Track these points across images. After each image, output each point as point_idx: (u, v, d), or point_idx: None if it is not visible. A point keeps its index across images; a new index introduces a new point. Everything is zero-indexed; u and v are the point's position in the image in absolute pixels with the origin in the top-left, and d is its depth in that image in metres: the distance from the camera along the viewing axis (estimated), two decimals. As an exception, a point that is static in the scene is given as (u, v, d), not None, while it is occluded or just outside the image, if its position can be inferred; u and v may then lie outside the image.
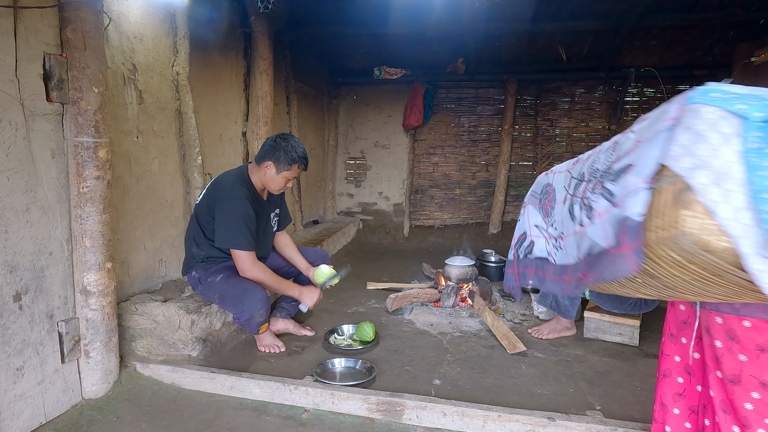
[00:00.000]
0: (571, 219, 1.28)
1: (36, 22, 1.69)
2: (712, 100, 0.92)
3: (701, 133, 0.91)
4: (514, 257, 1.60)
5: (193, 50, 2.85)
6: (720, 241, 0.88)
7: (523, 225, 1.58)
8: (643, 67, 5.01)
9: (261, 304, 2.23)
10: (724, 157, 0.89)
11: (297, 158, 2.26)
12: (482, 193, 5.89)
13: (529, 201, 1.58)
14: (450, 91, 5.76)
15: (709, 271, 0.94)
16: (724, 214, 0.87)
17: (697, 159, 0.91)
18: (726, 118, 0.90)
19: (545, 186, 1.50)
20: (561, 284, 1.34)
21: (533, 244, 1.50)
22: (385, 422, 1.86)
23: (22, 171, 1.67)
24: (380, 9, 3.89)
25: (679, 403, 1.37)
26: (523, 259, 1.55)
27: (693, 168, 0.91)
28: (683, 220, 0.90)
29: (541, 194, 1.51)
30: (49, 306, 1.79)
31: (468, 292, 3.18)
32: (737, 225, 0.87)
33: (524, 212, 1.60)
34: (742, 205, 0.87)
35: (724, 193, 0.88)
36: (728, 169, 0.89)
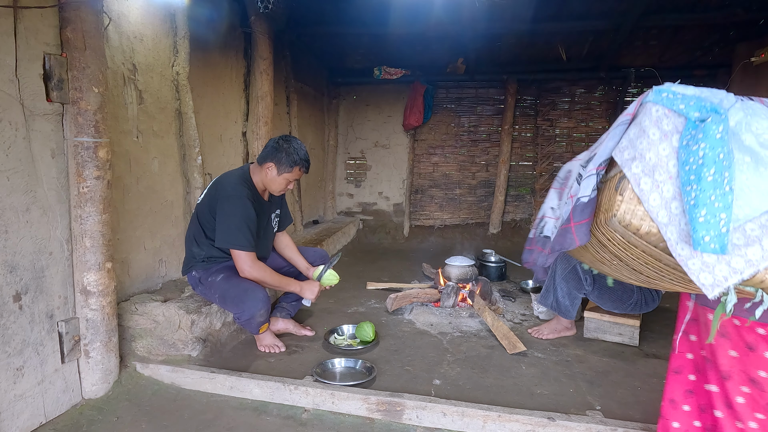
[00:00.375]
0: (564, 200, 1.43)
1: (36, 22, 1.69)
2: (661, 99, 1.01)
3: (645, 129, 1.02)
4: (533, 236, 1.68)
5: (193, 50, 2.85)
6: (648, 226, 0.99)
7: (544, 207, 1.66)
8: (643, 67, 5.00)
9: (261, 304, 2.23)
10: (661, 151, 0.99)
11: (298, 160, 2.26)
12: (482, 193, 5.88)
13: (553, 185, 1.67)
14: (450, 91, 5.76)
15: (649, 253, 1.05)
16: (652, 202, 0.98)
17: (636, 151, 1.02)
18: (669, 116, 1.00)
19: (567, 172, 1.59)
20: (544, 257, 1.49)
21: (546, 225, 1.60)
22: (385, 422, 1.86)
23: (22, 171, 1.67)
24: (380, 9, 3.88)
25: (690, 400, 1.38)
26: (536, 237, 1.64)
27: (630, 159, 1.02)
28: (617, 205, 1.02)
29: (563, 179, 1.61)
30: (49, 306, 1.79)
31: (468, 292, 3.18)
32: (664, 213, 0.97)
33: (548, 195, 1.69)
34: (671, 196, 0.97)
35: (655, 183, 0.98)
36: (662, 162, 0.98)
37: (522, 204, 5.78)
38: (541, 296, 2.73)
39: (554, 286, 2.62)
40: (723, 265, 0.94)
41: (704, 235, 0.91)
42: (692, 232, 0.92)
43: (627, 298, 2.47)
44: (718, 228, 0.91)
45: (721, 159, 0.93)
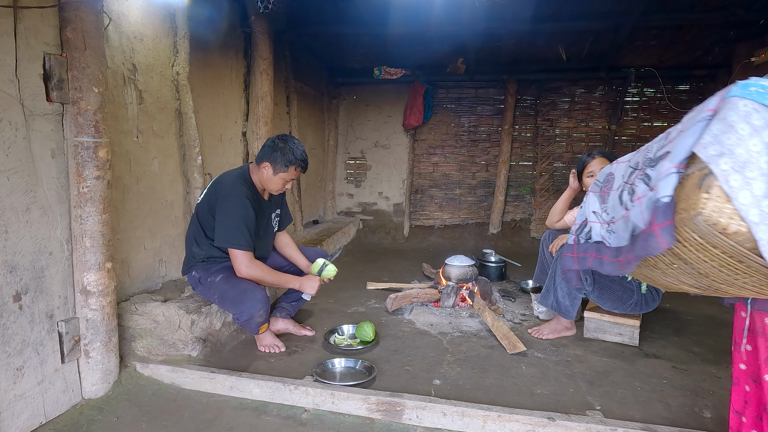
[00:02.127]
0: (620, 204, 1.36)
1: (36, 22, 1.69)
2: (749, 93, 0.96)
3: (732, 124, 0.95)
4: (574, 242, 1.66)
5: (193, 50, 2.85)
6: (736, 225, 0.92)
7: (584, 211, 1.64)
8: (643, 67, 5.01)
9: (261, 305, 2.23)
10: (752, 147, 0.93)
11: (294, 160, 2.25)
12: (482, 193, 5.89)
13: (592, 189, 1.63)
14: (450, 91, 5.76)
15: (730, 255, 0.98)
16: (743, 200, 0.91)
17: (723, 147, 0.95)
18: (759, 111, 0.94)
19: (608, 175, 1.55)
20: (616, 265, 1.39)
21: (591, 230, 1.57)
22: (385, 422, 1.86)
23: (22, 171, 1.67)
24: (380, 9, 3.88)
25: (747, 411, 1.39)
26: (584, 244, 1.60)
27: (717, 155, 0.95)
28: (702, 203, 0.95)
29: (603, 182, 1.57)
30: (49, 306, 1.79)
31: (468, 292, 3.18)
32: (756, 211, 0.91)
33: (586, 200, 1.65)
34: (763, 193, 0.91)
35: (746, 180, 0.92)
36: (753, 159, 0.92)
37: (522, 204, 5.78)
38: (542, 296, 2.73)
39: (554, 286, 2.62)
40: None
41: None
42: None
43: (627, 298, 2.47)
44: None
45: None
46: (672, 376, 2.22)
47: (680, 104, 5.11)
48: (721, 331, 2.75)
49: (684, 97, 5.19)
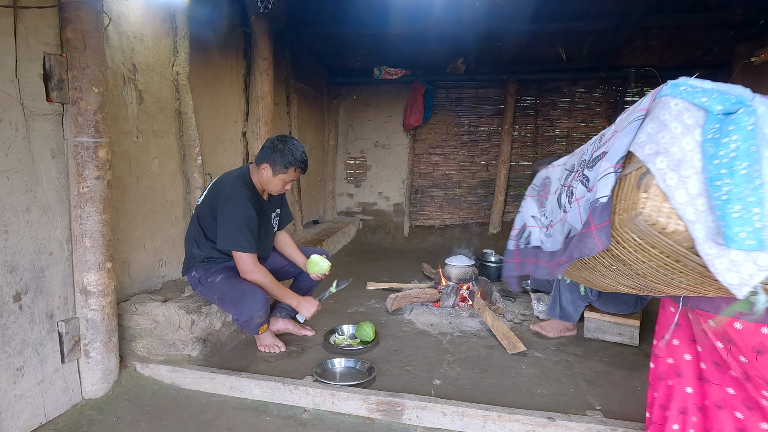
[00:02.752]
0: (559, 207, 1.36)
1: (36, 22, 1.69)
2: (679, 93, 0.97)
3: (665, 123, 0.96)
4: (515, 247, 1.64)
5: (193, 50, 2.85)
6: (674, 224, 0.93)
7: (523, 216, 1.62)
8: (643, 67, 5.01)
9: (260, 305, 2.23)
10: (685, 145, 0.94)
11: (293, 161, 2.24)
12: (482, 193, 5.89)
13: (529, 193, 1.64)
14: (450, 91, 5.76)
15: (668, 254, 0.99)
16: (679, 198, 0.92)
17: (659, 146, 0.95)
18: (689, 110, 0.96)
19: (544, 179, 1.56)
20: (548, 269, 1.38)
21: (531, 234, 1.56)
22: (385, 422, 1.86)
23: (22, 171, 1.67)
24: (380, 9, 3.88)
25: (670, 405, 1.39)
26: (524, 249, 1.59)
27: (654, 154, 0.95)
28: (642, 202, 0.94)
29: (540, 186, 1.57)
30: (49, 306, 1.79)
31: (468, 292, 3.18)
32: (691, 210, 0.92)
33: (524, 204, 1.65)
34: (697, 192, 0.92)
35: (681, 179, 0.93)
36: (687, 157, 0.94)
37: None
38: (549, 308, 2.73)
39: (559, 296, 2.63)
40: (750, 263, 0.90)
41: (739, 231, 0.87)
42: (725, 229, 0.88)
43: (629, 299, 2.48)
44: (752, 223, 0.87)
45: (752, 152, 0.89)
46: (672, 376, 2.22)
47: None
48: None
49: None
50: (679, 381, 1.37)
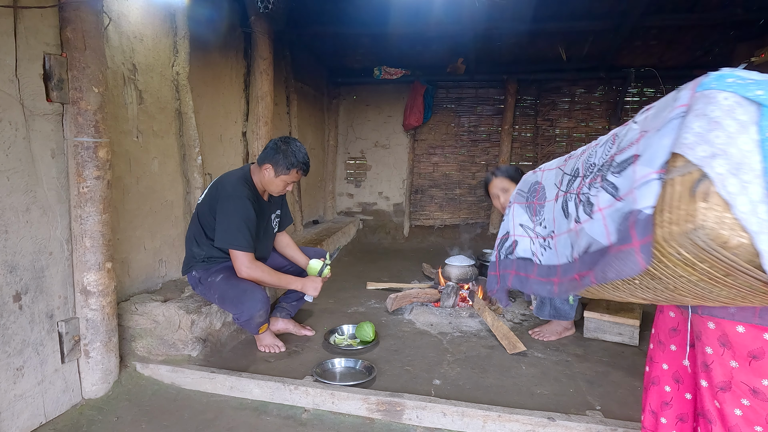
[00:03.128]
0: (565, 217, 1.20)
1: (36, 22, 1.69)
2: (727, 85, 0.85)
3: (717, 120, 0.83)
4: (496, 258, 1.51)
5: (193, 50, 2.85)
6: (738, 237, 0.79)
7: (507, 224, 1.49)
8: (643, 67, 5.01)
9: (260, 305, 2.23)
10: (742, 145, 0.81)
11: (296, 163, 2.25)
12: (482, 193, 5.87)
13: (515, 199, 1.49)
14: (450, 91, 5.76)
15: (720, 270, 0.85)
16: (742, 207, 0.79)
17: (714, 147, 0.82)
18: (742, 105, 0.83)
19: (533, 184, 1.43)
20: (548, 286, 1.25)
21: (516, 244, 1.43)
22: (385, 422, 1.86)
23: (22, 171, 1.67)
24: (380, 9, 3.88)
25: (666, 412, 1.33)
26: (504, 260, 1.46)
27: (710, 156, 0.82)
28: (700, 214, 0.80)
29: (529, 192, 1.43)
30: (49, 306, 1.79)
31: (468, 292, 3.18)
32: (755, 220, 0.79)
33: (509, 211, 1.50)
34: (759, 198, 0.79)
35: (742, 184, 0.80)
36: (746, 159, 0.81)
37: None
38: (537, 308, 2.71)
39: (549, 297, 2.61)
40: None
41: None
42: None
43: None
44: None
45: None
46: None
47: (680, 104, 5.10)
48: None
49: (684, 97, 5.18)
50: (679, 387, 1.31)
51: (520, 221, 1.44)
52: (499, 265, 1.49)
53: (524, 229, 1.41)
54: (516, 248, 1.42)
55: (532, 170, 1.52)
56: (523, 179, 1.53)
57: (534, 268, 1.33)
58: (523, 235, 1.41)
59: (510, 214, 1.49)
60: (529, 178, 1.50)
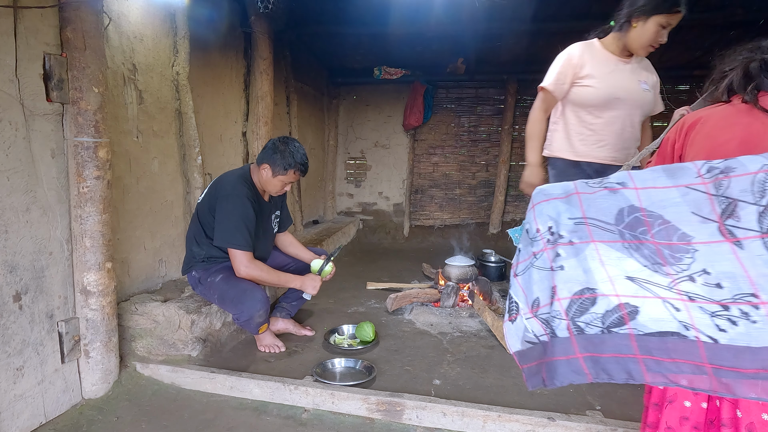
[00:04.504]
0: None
1: (36, 22, 1.69)
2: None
3: None
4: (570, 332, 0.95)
5: (193, 50, 2.85)
6: None
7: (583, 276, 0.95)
8: (643, 67, 5.00)
9: (260, 305, 2.23)
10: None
11: (293, 164, 2.25)
12: (482, 193, 5.89)
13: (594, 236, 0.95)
14: (450, 91, 5.76)
15: None
16: None
17: None
18: None
19: (626, 210, 0.94)
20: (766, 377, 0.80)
21: (631, 311, 0.90)
22: (385, 422, 1.86)
23: (22, 171, 1.67)
24: (380, 9, 3.88)
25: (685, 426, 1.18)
26: (603, 335, 0.92)
27: None
28: None
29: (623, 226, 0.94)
30: (49, 306, 1.79)
31: (468, 292, 3.18)
32: None
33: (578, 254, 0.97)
34: None
35: None
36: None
37: (522, 204, 5.78)
38: None
39: None
40: None
41: None
42: None
43: None
44: None
45: None
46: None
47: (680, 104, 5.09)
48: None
49: (684, 97, 5.18)
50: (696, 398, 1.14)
51: (625, 272, 0.92)
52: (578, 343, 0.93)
53: (641, 287, 0.90)
54: (635, 318, 0.89)
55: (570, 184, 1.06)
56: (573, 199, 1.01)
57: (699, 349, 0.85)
58: (642, 295, 0.90)
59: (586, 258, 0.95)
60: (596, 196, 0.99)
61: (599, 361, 0.94)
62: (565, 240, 1.00)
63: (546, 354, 0.99)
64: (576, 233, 0.99)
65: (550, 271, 1.00)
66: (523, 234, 1.12)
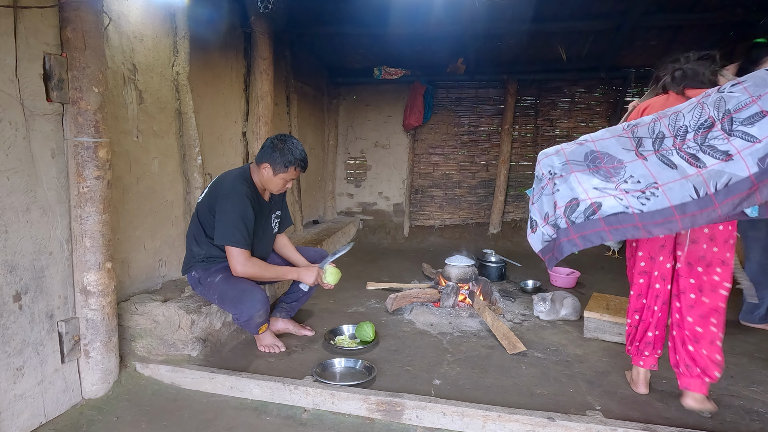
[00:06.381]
0: (670, 168, 1.52)
1: (36, 22, 1.69)
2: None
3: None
4: (567, 224, 1.65)
5: (193, 50, 2.85)
6: None
7: (570, 192, 1.64)
8: (643, 67, 5.00)
9: (260, 305, 2.23)
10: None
11: (293, 161, 2.25)
12: (482, 193, 5.89)
13: (573, 168, 1.66)
14: (450, 91, 5.76)
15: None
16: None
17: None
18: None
19: (588, 153, 1.66)
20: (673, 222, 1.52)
21: (598, 205, 1.60)
22: (385, 422, 1.86)
23: (22, 171, 1.67)
24: (380, 9, 3.89)
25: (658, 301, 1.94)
26: (584, 222, 1.62)
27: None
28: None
29: (588, 161, 1.65)
30: (49, 306, 1.79)
31: (468, 292, 3.18)
32: None
33: (566, 181, 1.66)
34: None
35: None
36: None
37: (522, 204, 5.78)
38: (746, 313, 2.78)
39: None
40: None
41: None
42: None
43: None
44: None
45: None
46: (672, 376, 2.22)
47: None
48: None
49: (684, 97, 5.18)
50: (664, 283, 1.90)
51: (593, 185, 1.62)
52: (573, 229, 1.64)
53: (601, 191, 1.61)
54: (600, 209, 1.59)
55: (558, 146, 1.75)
56: (560, 153, 1.71)
57: (634, 217, 1.56)
58: (602, 196, 1.60)
59: (570, 182, 1.65)
60: (576, 150, 1.68)
61: (585, 236, 1.64)
62: (558, 175, 1.71)
63: (556, 242, 1.71)
64: (563, 170, 1.70)
65: (551, 195, 1.72)
66: (535, 180, 1.82)
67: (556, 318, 2.97)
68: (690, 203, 1.49)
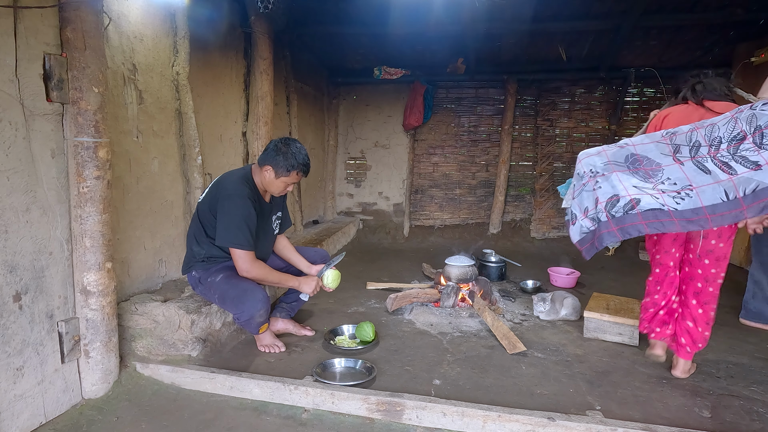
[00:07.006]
0: (704, 173, 1.70)
1: (36, 22, 1.69)
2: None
3: None
4: (608, 218, 1.87)
5: (193, 50, 2.85)
6: None
7: (611, 189, 1.86)
8: (643, 67, 5.00)
9: (261, 305, 2.23)
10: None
11: (296, 165, 2.26)
12: (482, 193, 5.89)
13: (615, 168, 1.87)
14: (450, 91, 5.76)
15: None
16: None
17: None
18: None
19: (629, 156, 1.86)
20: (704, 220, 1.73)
21: (636, 201, 1.81)
22: (385, 422, 1.86)
23: (22, 171, 1.67)
24: (380, 9, 3.88)
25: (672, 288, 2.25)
26: (624, 216, 1.83)
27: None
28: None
29: (628, 163, 1.85)
30: (49, 306, 1.79)
31: (468, 292, 3.18)
32: None
33: (608, 179, 1.87)
34: None
35: None
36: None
37: (522, 204, 5.78)
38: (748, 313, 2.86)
39: None
40: None
41: None
42: None
43: None
44: None
45: None
46: (672, 376, 2.22)
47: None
48: (720, 332, 2.75)
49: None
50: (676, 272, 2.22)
51: (632, 184, 1.83)
52: (613, 222, 1.86)
53: (640, 190, 1.82)
54: (639, 204, 1.81)
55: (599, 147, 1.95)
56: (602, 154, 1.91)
57: (669, 213, 1.77)
58: (641, 194, 1.81)
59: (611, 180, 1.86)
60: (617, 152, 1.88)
61: (624, 228, 1.85)
62: (600, 173, 1.91)
63: (595, 234, 1.93)
64: (605, 169, 1.90)
65: (592, 191, 1.93)
66: (575, 177, 2.03)
67: (556, 318, 2.97)
68: (720, 204, 1.68)
